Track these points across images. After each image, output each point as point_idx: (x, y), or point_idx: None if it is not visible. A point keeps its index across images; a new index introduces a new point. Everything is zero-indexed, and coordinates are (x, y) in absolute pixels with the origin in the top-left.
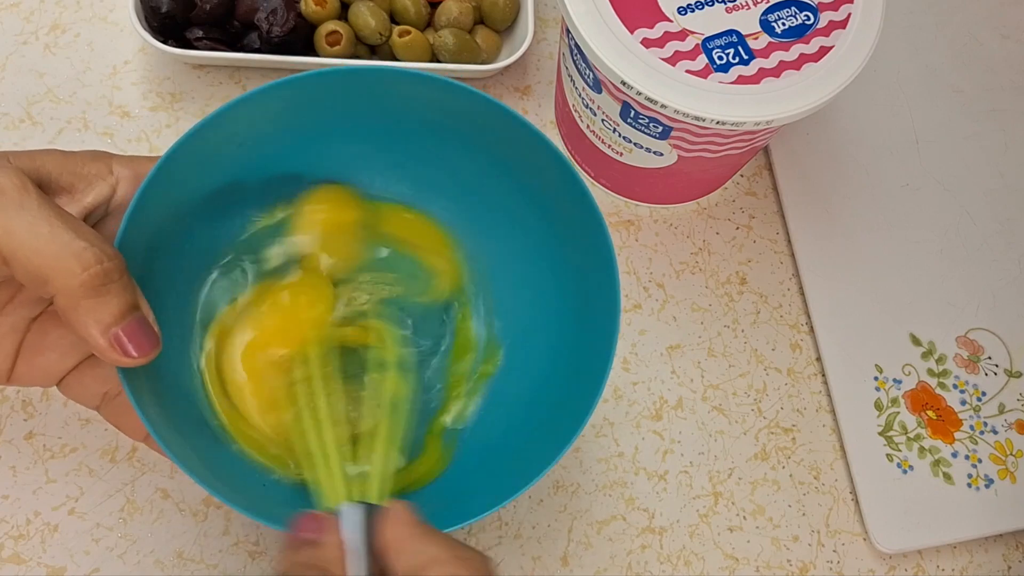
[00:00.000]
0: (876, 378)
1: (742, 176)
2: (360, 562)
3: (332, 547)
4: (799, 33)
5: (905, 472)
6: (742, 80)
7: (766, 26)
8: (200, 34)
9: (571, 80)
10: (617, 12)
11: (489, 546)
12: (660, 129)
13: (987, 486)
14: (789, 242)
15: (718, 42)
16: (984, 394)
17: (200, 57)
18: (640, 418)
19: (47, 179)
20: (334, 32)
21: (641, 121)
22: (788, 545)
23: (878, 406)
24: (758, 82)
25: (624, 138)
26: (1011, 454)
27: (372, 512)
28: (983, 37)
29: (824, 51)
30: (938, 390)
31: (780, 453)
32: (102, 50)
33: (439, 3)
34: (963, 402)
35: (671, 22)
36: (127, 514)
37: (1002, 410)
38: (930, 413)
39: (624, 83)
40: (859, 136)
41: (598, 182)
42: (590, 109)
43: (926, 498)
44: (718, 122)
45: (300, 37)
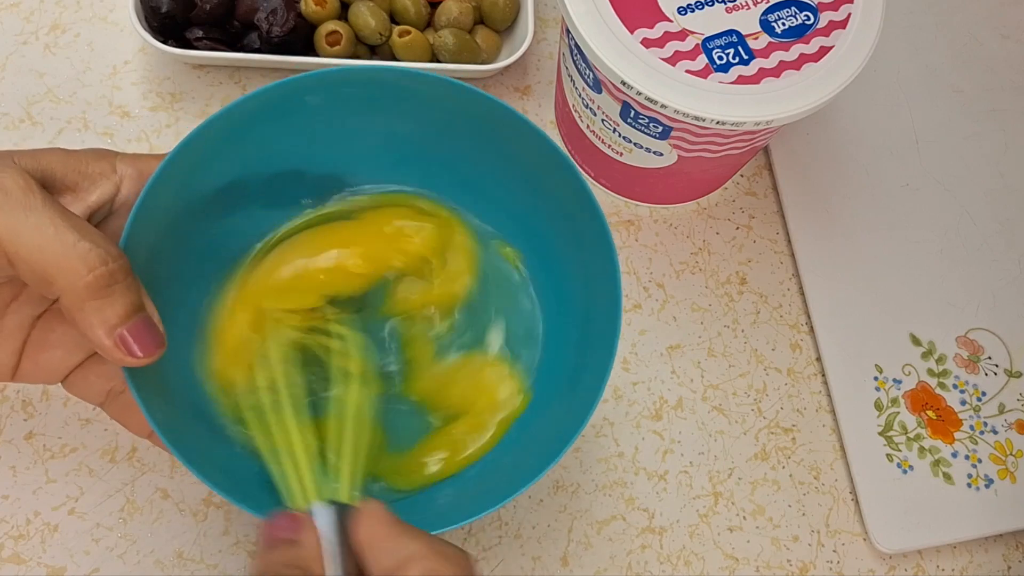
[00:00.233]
0: (876, 378)
1: (742, 176)
2: (336, 562)
3: (311, 546)
4: (799, 33)
5: (905, 472)
6: (742, 80)
7: (766, 26)
8: (200, 34)
9: (571, 80)
10: (617, 12)
11: (489, 546)
12: (660, 129)
13: (987, 486)
14: (789, 242)
15: (718, 42)
16: (984, 394)
17: (200, 57)
18: (640, 418)
19: (51, 178)
20: (334, 32)
21: (641, 121)
22: (788, 545)
23: (878, 406)
24: (758, 82)
25: (624, 138)
26: (1011, 454)
27: (345, 512)
28: (983, 37)
29: (824, 51)
30: (938, 390)
31: (780, 453)
32: (102, 50)
33: (439, 3)
34: (963, 402)
35: (671, 22)
36: (127, 514)
37: (1002, 410)
38: (930, 413)
39: (624, 83)
40: (859, 136)
41: (598, 182)
42: (590, 109)
43: (926, 498)
44: (718, 122)
45: (300, 37)
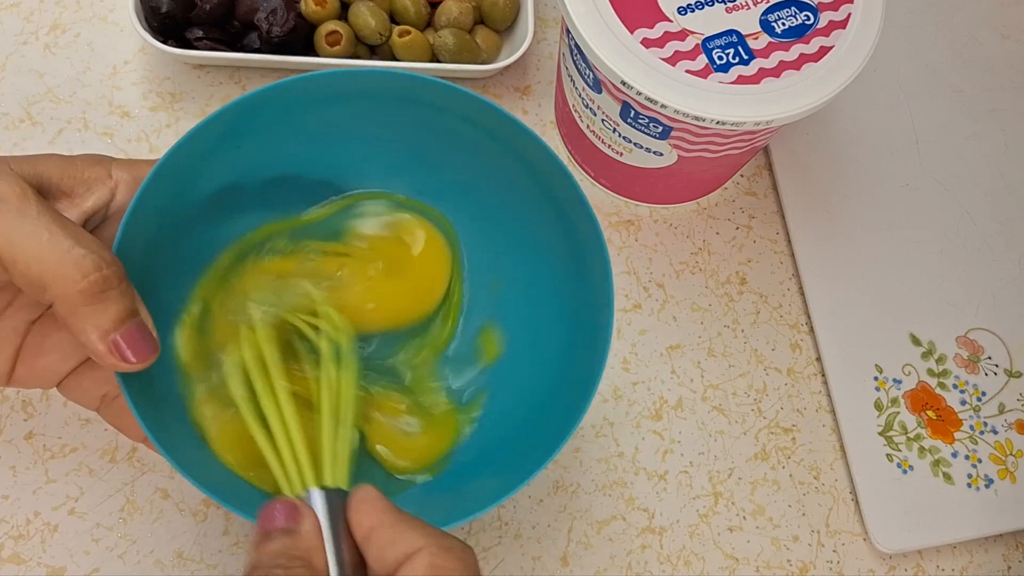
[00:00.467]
0: (876, 378)
1: (742, 176)
2: (338, 551)
3: (310, 535)
4: (799, 33)
5: (905, 472)
6: (742, 80)
7: (766, 26)
8: (200, 34)
9: (571, 80)
10: (617, 12)
11: (489, 546)
12: (660, 129)
13: (987, 486)
14: (789, 242)
15: (718, 42)
16: (984, 394)
17: (200, 57)
18: (640, 418)
19: (47, 184)
20: (334, 32)
21: (641, 121)
22: (788, 545)
23: (878, 406)
24: (758, 82)
25: (624, 138)
26: (1011, 454)
27: (341, 498)
28: (983, 37)
29: (824, 51)
30: (938, 390)
31: (780, 453)
32: (102, 50)
33: (439, 3)
34: (963, 402)
35: (671, 22)
36: (127, 514)
37: (1002, 410)
38: (930, 413)
39: (624, 83)
40: (859, 136)
41: (598, 182)
42: (590, 109)
43: (926, 498)
44: (718, 122)
45: (300, 37)
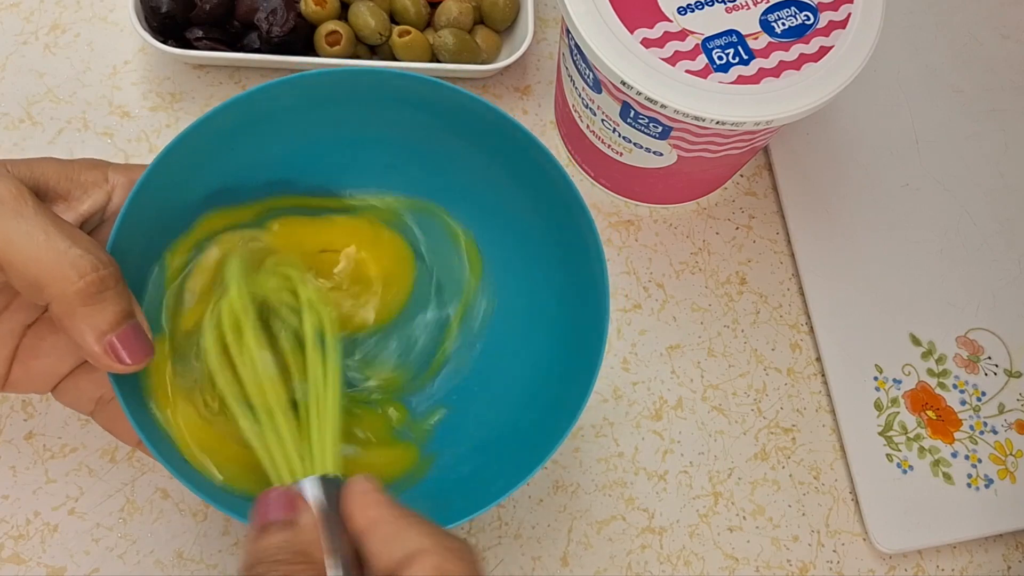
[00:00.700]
0: (876, 378)
1: (742, 176)
2: (336, 545)
3: (309, 528)
4: (799, 33)
5: (905, 472)
6: (742, 80)
7: (766, 26)
8: (200, 34)
9: (571, 80)
10: (617, 12)
11: (489, 546)
12: (660, 129)
13: (987, 486)
14: (789, 242)
15: (718, 42)
16: (984, 394)
17: (200, 57)
18: (640, 418)
19: (44, 187)
20: (334, 32)
21: (641, 121)
22: (788, 545)
23: (878, 406)
24: (758, 82)
25: (624, 138)
26: (1011, 454)
27: (335, 486)
28: (983, 37)
29: (824, 51)
30: (938, 390)
31: (780, 453)
32: (102, 50)
33: (439, 3)
34: (963, 402)
35: (671, 22)
36: (127, 514)
37: (1002, 410)
38: (930, 413)
39: (624, 83)
40: (859, 136)
41: (598, 182)
42: (590, 109)
43: (926, 498)
44: (718, 122)
45: (300, 37)
